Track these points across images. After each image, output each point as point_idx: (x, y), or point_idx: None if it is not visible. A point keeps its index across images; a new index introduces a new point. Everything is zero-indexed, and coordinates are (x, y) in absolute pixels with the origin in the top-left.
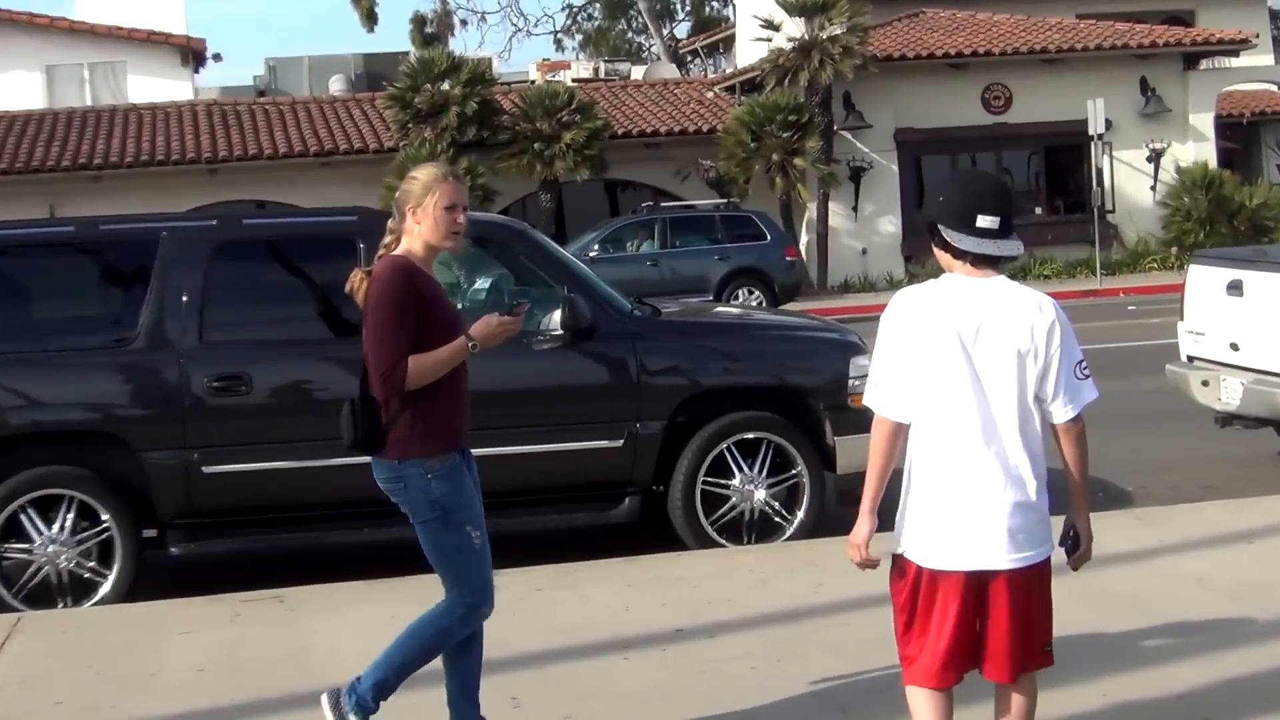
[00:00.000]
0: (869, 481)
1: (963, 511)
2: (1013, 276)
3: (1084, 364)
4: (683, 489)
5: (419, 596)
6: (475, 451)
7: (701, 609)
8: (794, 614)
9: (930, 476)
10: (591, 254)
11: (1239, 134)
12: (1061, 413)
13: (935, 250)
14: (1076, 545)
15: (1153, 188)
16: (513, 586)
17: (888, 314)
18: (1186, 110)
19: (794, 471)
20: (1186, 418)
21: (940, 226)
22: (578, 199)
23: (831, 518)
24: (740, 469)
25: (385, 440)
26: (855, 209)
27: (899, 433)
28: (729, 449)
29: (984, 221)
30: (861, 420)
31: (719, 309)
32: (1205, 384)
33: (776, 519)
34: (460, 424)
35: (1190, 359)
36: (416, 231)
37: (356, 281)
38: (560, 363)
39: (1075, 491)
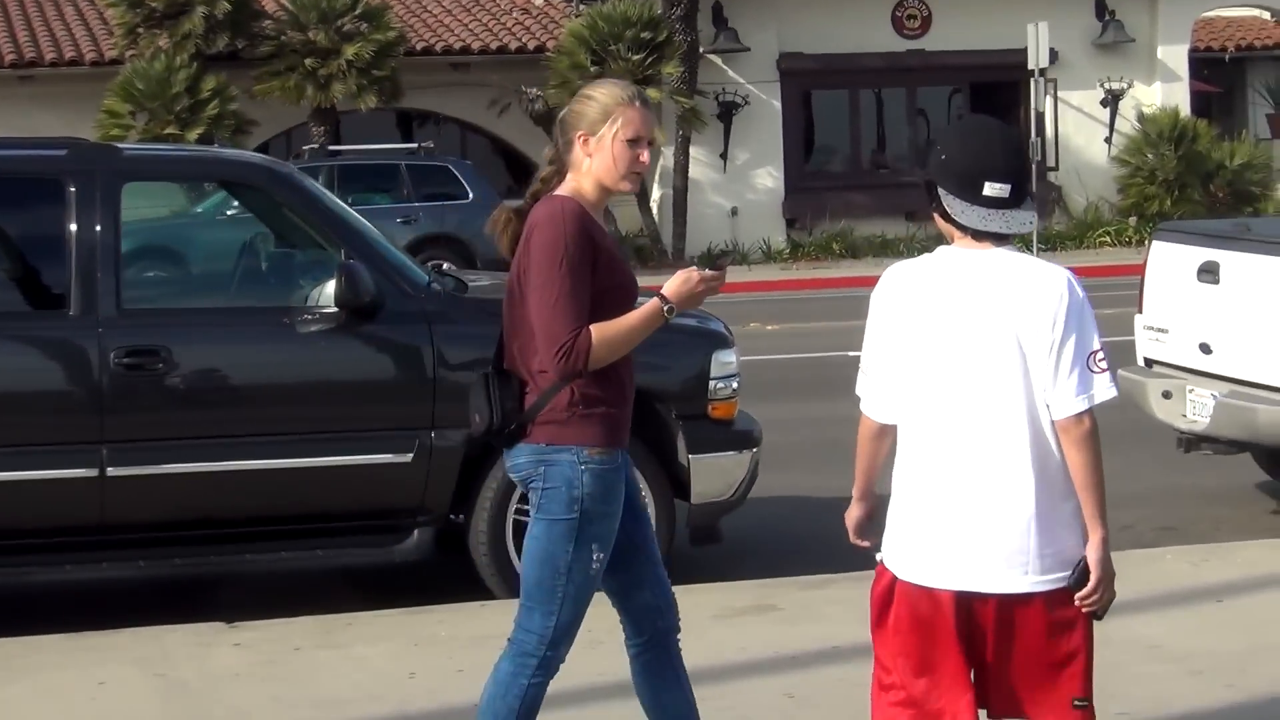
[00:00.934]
0: (856, 475)
1: (950, 522)
2: (920, 252)
3: (1101, 355)
4: (489, 519)
5: (137, 656)
6: (212, 466)
7: None
8: (632, 686)
9: (916, 480)
10: (231, 210)
11: (1219, 74)
12: (1063, 405)
13: (934, 217)
14: (1085, 580)
15: (1108, 140)
16: (263, 645)
17: (874, 294)
18: (1154, 41)
19: None
20: (1142, 439)
21: (940, 190)
22: (361, 133)
23: (684, 559)
24: None
25: (528, 427)
26: (724, 156)
27: (884, 434)
28: None
29: (992, 189)
30: (726, 435)
31: None
32: (1167, 396)
33: None
34: (625, 414)
35: (1149, 363)
36: (587, 166)
37: (501, 222)
38: (332, 350)
39: (1084, 512)
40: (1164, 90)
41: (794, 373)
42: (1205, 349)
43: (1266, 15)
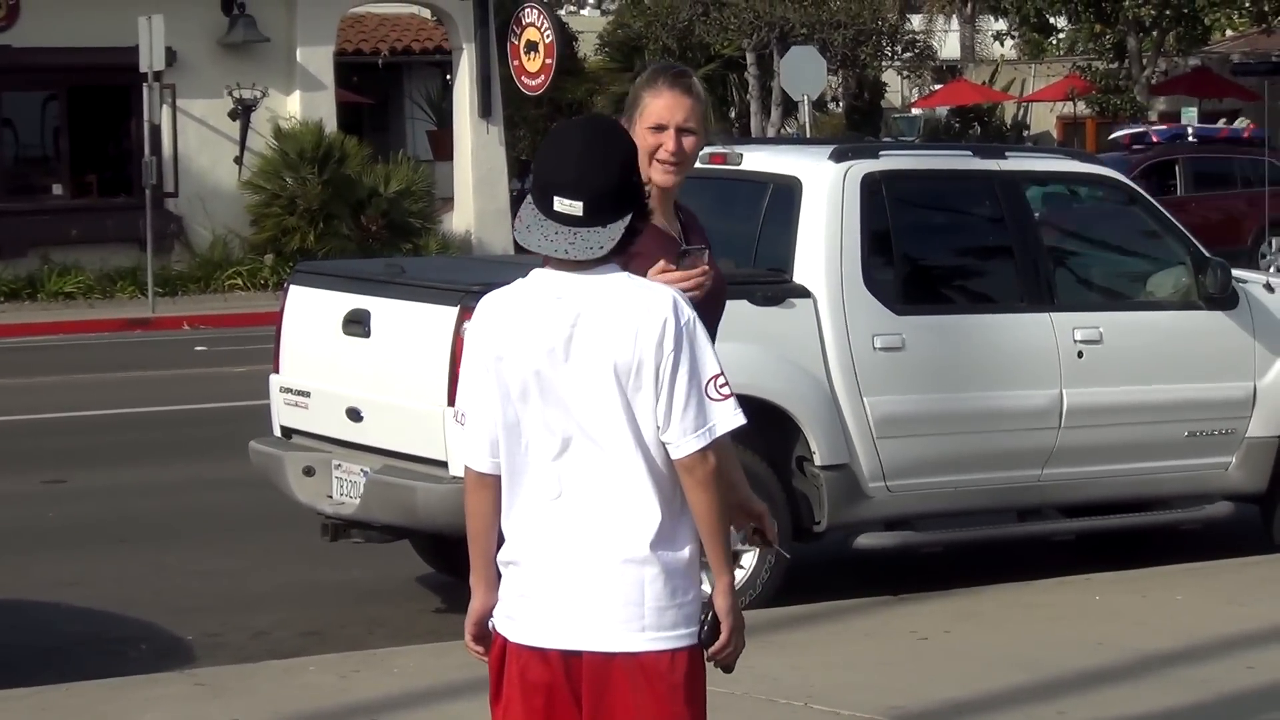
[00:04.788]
0: (470, 547)
1: (559, 575)
2: (9, 298)
3: (722, 381)
4: None
5: None
6: None
7: None
8: None
9: (521, 530)
10: None
11: (372, 82)
12: (682, 443)
13: None
14: (716, 633)
15: (238, 160)
16: None
17: (468, 327)
18: (293, 41)
19: None
20: (280, 525)
21: (526, 200)
22: None
23: None
24: None
25: None
26: None
27: (491, 486)
28: None
29: (561, 204)
30: None
31: None
32: (309, 473)
33: None
34: None
35: (287, 433)
36: None
37: None
38: None
39: (709, 557)
40: (305, 100)
41: None
42: (355, 415)
43: (426, 14)
